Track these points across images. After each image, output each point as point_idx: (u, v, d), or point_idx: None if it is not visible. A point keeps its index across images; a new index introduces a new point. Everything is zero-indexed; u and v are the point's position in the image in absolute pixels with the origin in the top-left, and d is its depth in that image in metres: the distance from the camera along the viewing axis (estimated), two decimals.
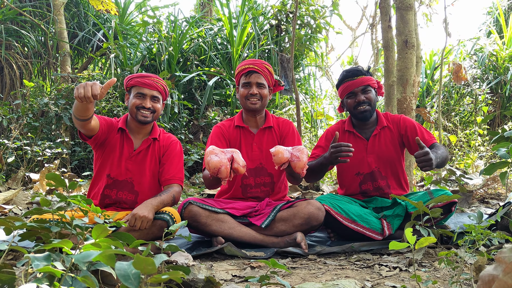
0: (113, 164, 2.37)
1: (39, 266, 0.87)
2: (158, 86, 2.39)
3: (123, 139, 2.41)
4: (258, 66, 2.49)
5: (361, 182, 2.60)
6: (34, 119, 5.12)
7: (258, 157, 2.54)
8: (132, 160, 2.39)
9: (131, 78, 2.39)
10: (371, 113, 2.58)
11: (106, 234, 0.99)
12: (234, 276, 1.79)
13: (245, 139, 2.58)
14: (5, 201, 3.53)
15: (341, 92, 2.61)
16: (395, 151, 2.60)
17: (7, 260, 1.91)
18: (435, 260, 2.00)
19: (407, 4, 3.86)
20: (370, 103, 2.55)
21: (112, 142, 2.39)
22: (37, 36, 6.97)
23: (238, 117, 2.63)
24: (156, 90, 2.38)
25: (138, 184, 2.38)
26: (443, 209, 2.30)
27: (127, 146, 2.40)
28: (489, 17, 9.66)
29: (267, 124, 2.59)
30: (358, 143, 2.60)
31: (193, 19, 7.08)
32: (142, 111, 2.35)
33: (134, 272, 0.78)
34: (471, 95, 7.89)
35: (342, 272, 1.85)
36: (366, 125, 2.64)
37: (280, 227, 2.31)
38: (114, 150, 2.38)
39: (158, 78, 2.41)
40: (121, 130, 2.43)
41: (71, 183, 1.33)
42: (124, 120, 2.47)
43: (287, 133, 2.60)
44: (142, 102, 2.35)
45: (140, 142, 2.44)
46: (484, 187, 3.90)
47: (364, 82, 2.53)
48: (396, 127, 2.62)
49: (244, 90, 2.52)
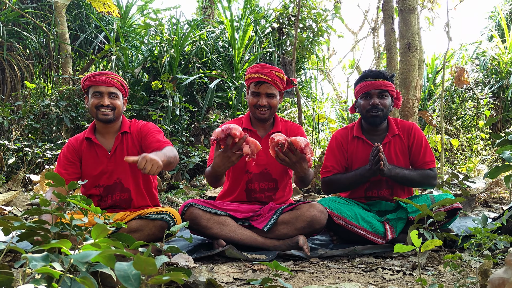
0: (96, 173, 2.32)
1: (36, 266, 0.85)
2: (114, 82, 2.32)
3: (93, 146, 2.36)
4: (268, 75, 2.40)
5: (367, 188, 2.54)
6: (35, 120, 5.11)
7: (264, 162, 2.48)
8: (112, 161, 2.34)
9: (86, 78, 2.33)
10: (382, 120, 2.49)
11: (106, 234, 0.97)
12: (235, 279, 1.77)
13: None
14: (5, 203, 3.51)
15: (357, 90, 2.53)
16: (404, 160, 2.52)
17: (6, 262, 1.88)
18: (439, 264, 1.98)
19: (409, 7, 3.84)
20: (384, 110, 2.46)
21: (84, 157, 2.35)
22: (39, 37, 6.98)
23: (246, 119, 2.57)
24: (112, 86, 2.32)
25: (126, 181, 2.35)
26: (447, 212, 2.27)
27: (100, 151, 2.35)
28: (491, 21, 9.65)
29: (275, 129, 2.53)
30: (368, 150, 2.50)
31: (195, 22, 7.08)
32: (101, 110, 2.30)
33: (134, 273, 0.76)
34: (473, 99, 7.87)
35: (345, 276, 1.83)
36: (376, 132, 2.55)
37: (282, 230, 2.28)
38: (88, 162, 2.34)
39: (113, 74, 2.35)
40: (87, 140, 2.37)
41: (70, 182, 1.31)
42: (92, 128, 2.42)
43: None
44: (100, 100, 2.29)
45: (112, 141, 2.38)
46: (487, 191, 3.87)
47: (383, 86, 2.45)
48: (407, 136, 2.54)
49: (253, 98, 2.46)
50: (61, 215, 1.24)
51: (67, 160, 2.34)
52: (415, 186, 2.52)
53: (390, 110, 2.54)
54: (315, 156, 5.75)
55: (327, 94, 10.41)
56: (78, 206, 1.29)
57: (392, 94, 2.51)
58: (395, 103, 2.60)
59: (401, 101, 2.61)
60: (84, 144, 2.37)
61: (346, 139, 2.59)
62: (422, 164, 2.49)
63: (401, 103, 3.81)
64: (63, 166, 2.32)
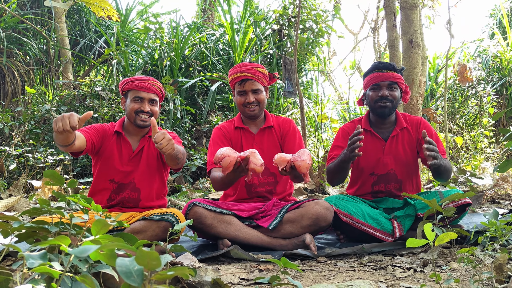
0: (115, 169, 2.33)
1: (34, 265, 0.80)
2: (155, 88, 2.35)
3: (120, 142, 2.38)
4: (251, 72, 2.41)
5: (374, 182, 2.50)
6: (36, 126, 5.08)
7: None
8: (133, 161, 2.36)
9: (127, 82, 2.35)
10: (390, 112, 2.46)
11: (107, 230, 0.92)
12: (241, 279, 1.72)
13: (246, 140, 2.53)
14: (7, 208, 3.47)
15: (367, 82, 2.50)
16: (412, 155, 2.49)
17: (7, 265, 1.84)
18: (450, 260, 1.93)
19: (411, 4, 3.81)
20: (393, 101, 2.43)
21: (109, 147, 2.36)
22: (39, 43, 6.96)
23: (237, 119, 2.59)
24: (153, 93, 2.34)
25: (139, 181, 2.36)
26: (456, 208, 2.22)
27: (125, 149, 2.37)
28: (492, 19, 9.61)
29: (267, 124, 2.55)
30: (376, 143, 2.49)
31: (195, 25, 7.06)
32: (140, 115, 2.32)
33: (137, 269, 0.72)
34: (475, 97, 7.82)
35: (354, 274, 1.78)
36: (384, 125, 2.52)
37: (288, 229, 2.24)
38: (112, 155, 2.35)
39: (154, 81, 2.37)
40: (117, 134, 2.40)
41: (70, 181, 1.27)
42: (121, 123, 2.44)
43: (287, 132, 2.54)
44: (141, 106, 2.31)
45: (137, 143, 2.41)
46: (494, 187, 3.82)
47: (393, 78, 2.42)
48: (415, 129, 2.51)
49: (240, 98, 2.46)
50: (60, 213, 1.20)
51: (95, 127, 2.36)
52: (444, 178, 2.38)
53: (399, 103, 2.50)
54: (318, 157, 5.71)
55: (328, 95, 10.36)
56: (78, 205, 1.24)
57: (401, 86, 2.48)
58: (403, 97, 2.57)
59: (409, 95, 2.57)
60: (113, 135, 2.39)
61: (353, 131, 2.56)
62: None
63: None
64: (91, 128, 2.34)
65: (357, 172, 2.56)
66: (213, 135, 2.55)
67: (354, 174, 2.61)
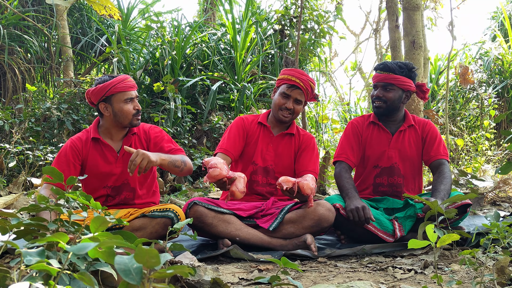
0: (105, 174, 2.27)
1: (32, 262, 0.79)
2: (135, 83, 2.30)
3: (101, 148, 2.28)
4: (304, 83, 2.43)
5: (377, 175, 2.54)
6: (36, 123, 5.07)
7: (270, 158, 2.50)
8: (120, 162, 2.29)
9: (113, 85, 2.18)
10: (386, 112, 2.53)
11: (106, 227, 0.91)
12: (241, 279, 1.71)
13: (264, 137, 2.54)
14: (6, 206, 3.46)
15: (372, 80, 2.61)
16: (416, 152, 2.56)
17: (4, 263, 1.83)
18: (452, 262, 1.92)
19: (414, 4, 3.80)
20: (386, 102, 2.49)
21: (90, 157, 2.27)
22: (40, 41, 6.94)
23: (263, 115, 2.60)
24: (136, 89, 2.29)
25: (133, 181, 2.32)
26: (458, 210, 2.22)
27: (108, 153, 2.28)
28: (493, 21, 9.60)
29: (290, 131, 2.56)
30: (382, 135, 2.56)
31: (196, 24, 7.05)
32: (138, 116, 2.27)
33: (136, 267, 0.70)
34: (477, 99, 7.80)
35: (355, 275, 1.77)
36: (392, 120, 2.59)
37: (289, 229, 2.23)
38: (96, 163, 2.26)
39: (128, 76, 2.28)
40: (94, 140, 2.29)
41: (69, 177, 1.26)
42: (95, 129, 2.31)
43: (306, 146, 2.55)
44: (135, 106, 2.25)
45: (120, 143, 2.32)
46: (495, 190, 3.81)
47: (387, 80, 2.47)
48: (421, 128, 2.59)
49: (281, 99, 2.47)
50: (59, 210, 1.19)
51: (67, 160, 2.23)
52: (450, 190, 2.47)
53: (401, 103, 2.52)
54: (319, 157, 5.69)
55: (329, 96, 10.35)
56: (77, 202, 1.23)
57: (402, 87, 2.48)
58: (420, 95, 2.63)
59: (427, 93, 2.61)
60: (89, 144, 2.28)
61: (362, 125, 2.64)
62: (437, 155, 2.50)
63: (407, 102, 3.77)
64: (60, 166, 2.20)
65: (362, 164, 2.62)
66: (233, 123, 2.56)
67: (359, 168, 2.66)
